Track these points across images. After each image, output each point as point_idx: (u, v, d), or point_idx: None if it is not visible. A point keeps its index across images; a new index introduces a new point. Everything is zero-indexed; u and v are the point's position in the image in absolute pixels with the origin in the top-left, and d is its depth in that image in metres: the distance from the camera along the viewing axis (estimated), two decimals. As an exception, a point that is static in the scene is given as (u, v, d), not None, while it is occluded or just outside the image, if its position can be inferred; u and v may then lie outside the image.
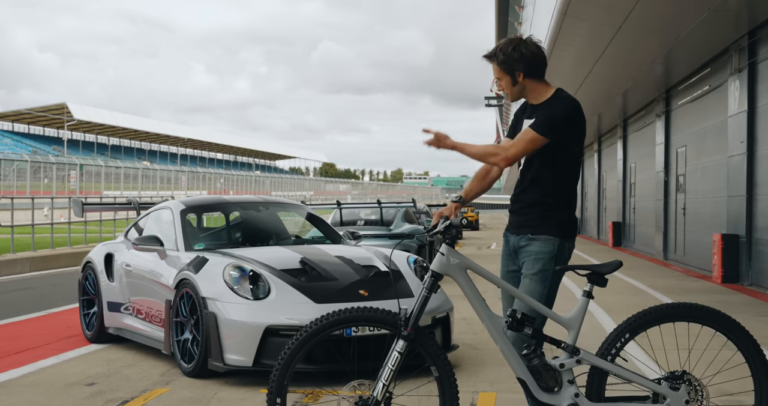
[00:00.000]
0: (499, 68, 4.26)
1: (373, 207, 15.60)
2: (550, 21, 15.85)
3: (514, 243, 4.30)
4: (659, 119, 21.37)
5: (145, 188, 55.30)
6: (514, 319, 3.93)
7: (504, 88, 4.30)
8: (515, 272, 4.34)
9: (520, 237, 4.26)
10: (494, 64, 4.28)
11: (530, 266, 4.22)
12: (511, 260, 4.35)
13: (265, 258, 6.90)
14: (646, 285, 14.01)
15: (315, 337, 3.86)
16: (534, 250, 4.22)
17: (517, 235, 4.28)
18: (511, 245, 4.32)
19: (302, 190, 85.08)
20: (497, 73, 4.28)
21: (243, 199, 8.86)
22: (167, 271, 7.21)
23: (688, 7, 12.69)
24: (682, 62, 17.23)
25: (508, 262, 4.37)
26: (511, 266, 4.35)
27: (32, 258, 18.04)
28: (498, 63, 4.25)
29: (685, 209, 18.93)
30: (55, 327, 9.39)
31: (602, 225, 32.91)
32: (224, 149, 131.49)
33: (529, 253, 4.23)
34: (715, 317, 4.04)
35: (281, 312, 6.25)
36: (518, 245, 4.27)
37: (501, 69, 4.26)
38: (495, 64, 4.27)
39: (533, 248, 4.22)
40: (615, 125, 28.96)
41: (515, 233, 4.30)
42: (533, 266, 4.21)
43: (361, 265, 6.99)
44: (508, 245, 4.36)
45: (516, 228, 4.30)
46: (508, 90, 4.30)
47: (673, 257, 20.16)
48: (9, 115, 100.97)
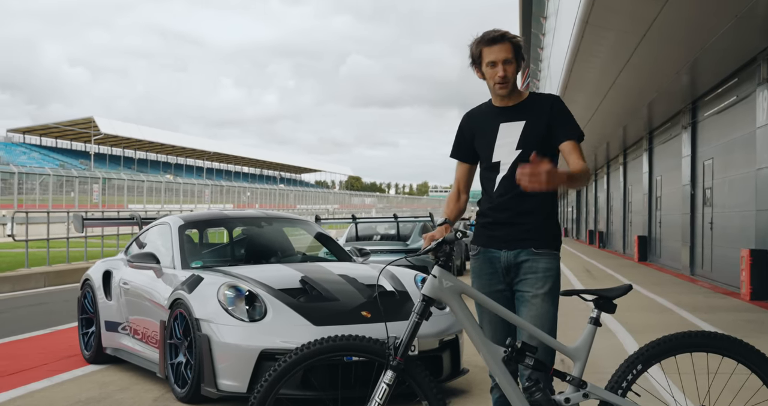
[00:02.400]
0: (513, 49, 3.90)
1: (390, 221, 15.26)
2: (572, 30, 15.51)
3: (508, 260, 3.92)
4: (685, 131, 20.90)
5: (168, 202, 55.29)
6: (513, 349, 3.56)
7: (510, 74, 3.91)
8: (501, 292, 3.96)
9: (518, 252, 3.90)
10: (505, 44, 3.89)
11: (539, 284, 3.85)
12: (496, 279, 3.96)
13: (263, 277, 6.55)
14: (672, 303, 13.54)
15: (294, 368, 3.51)
16: (541, 266, 3.87)
17: (511, 249, 3.91)
18: (503, 261, 3.93)
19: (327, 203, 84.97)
20: (509, 54, 3.88)
21: (245, 214, 8.51)
22: (163, 289, 6.88)
23: (713, 15, 12.28)
24: (709, 72, 16.79)
25: (491, 281, 3.97)
26: (497, 285, 3.97)
27: (47, 273, 17.83)
28: (513, 43, 3.90)
29: (713, 223, 18.43)
30: (56, 346, 9.10)
31: (628, 239, 32.35)
32: (250, 163, 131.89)
33: (535, 270, 3.87)
34: (736, 348, 3.64)
35: (277, 335, 5.89)
36: (515, 261, 3.90)
37: (514, 50, 3.90)
38: (507, 44, 3.89)
39: (540, 264, 3.87)
40: (641, 138, 28.47)
41: (507, 248, 3.92)
42: (543, 285, 3.85)
43: (365, 284, 6.61)
44: (492, 263, 3.96)
45: (507, 242, 3.91)
46: (513, 75, 3.93)
47: (700, 272, 19.64)
48: (37, 129, 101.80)
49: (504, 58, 3.87)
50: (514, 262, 3.91)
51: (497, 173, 3.97)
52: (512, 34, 3.94)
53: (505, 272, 3.94)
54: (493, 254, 3.97)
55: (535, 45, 34.88)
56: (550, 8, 26.36)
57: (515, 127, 3.96)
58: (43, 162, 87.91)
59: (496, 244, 3.96)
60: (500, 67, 3.88)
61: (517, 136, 3.94)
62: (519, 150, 3.93)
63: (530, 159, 3.45)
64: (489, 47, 3.88)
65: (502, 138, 3.97)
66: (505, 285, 3.96)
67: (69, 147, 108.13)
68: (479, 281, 4.01)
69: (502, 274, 3.95)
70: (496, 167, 3.97)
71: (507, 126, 3.97)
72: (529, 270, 3.88)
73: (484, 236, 4.02)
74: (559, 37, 21.55)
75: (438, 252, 3.60)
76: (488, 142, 4.01)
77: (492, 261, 3.97)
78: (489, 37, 3.89)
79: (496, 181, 3.97)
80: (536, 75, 37.08)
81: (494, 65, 3.89)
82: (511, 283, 3.95)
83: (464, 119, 4.18)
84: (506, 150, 3.95)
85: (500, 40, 3.87)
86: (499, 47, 3.87)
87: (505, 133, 3.97)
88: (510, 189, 3.91)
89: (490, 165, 4.00)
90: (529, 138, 3.92)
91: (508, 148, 3.95)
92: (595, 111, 23.10)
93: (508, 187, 3.93)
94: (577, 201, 55.06)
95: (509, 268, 3.93)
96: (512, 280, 3.94)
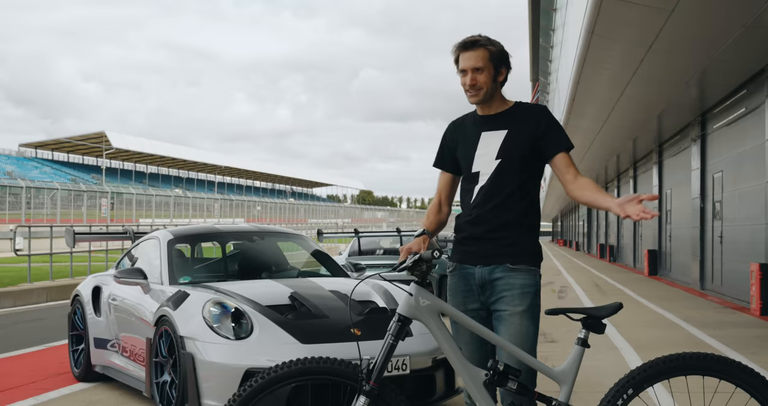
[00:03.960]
0: (488, 56, 3.71)
1: (393, 235, 15.05)
2: (578, 42, 15.33)
3: (482, 276, 3.72)
4: (695, 144, 20.65)
5: (177, 216, 55.22)
6: (495, 371, 3.35)
7: (480, 83, 3.72)
8: (476, 311, 3.77)
9: (493, 268, 3.70)
10: (477, 51, 3.72)
11: (516, 301, 3.66)
12: (471, 297, 3.77)
13: (251, 293, 6.34)
14: (680, 318, 13.28)
15: (258, 395, 3.30)
16: (518, 282, 3.68)
17: (486, 265, 3.72)
18: (477, 278, 3.73)
19: (337, 217, 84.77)
20: (480, 62, 3.71)
21: (236, 228, 8.31)
22: (150, 306, 6.68)
23: (720, 25, 12.07)
24: (717, 84, 16.55)
25: (465, 300, 3.79)
26: (472, 303, 3.78)
27: (49, 288, 17.69)
28: (487, 50, 3.72)
29: (722, 237, 18.15)
30: (47, 364, 8.92)
31: (638, 253, 32.05)
32: (261, 177, 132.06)
33: (511, 286, 3.67)
34: (734, 370, 3.41)
35: (263, 354, 5.67)
36: (489, 278, 3.71)
37: (489, 58, 3.71)
38: (481, 50, 3.71)
39: (516, 280, 3.68)
40: (650, 151, 28.22)
41: (482, 263, 3.72)
42: (521, 302, 3.66)
43: (357, 300, 6.40)
44: (467, 280, 3.77)
45: (482, 257, 3.73)
46: (485, 84, 3.72)
47: (710, 286, 19.34)
48: (49, 144, 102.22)
49: (473, 65, 3.72)
50: (489, 278, 3.72)
51: (476, 184, 3.80)
52: (488, 39, 3.78)
53: (480, 290, 3.75)
54: (467, 270, 3.79)
55: (545, 58, 34.69)
56: (558, 21, 26.19)
57: (496, 137, 3.79)
58: (55, 176, 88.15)
59: (470, 259, 3.78)
60: (468, 76, 3.72)
61: (498, 146, 3.77)
62: (498, 160, 3.76)
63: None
64: (463, 53, 3.75)
65: (483, 147, 3.80)
66: (479, 304, 3.77)
67: (81, 162, 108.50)
68: (455, 299, 3.84)
69: (477, 292, 3.76)
70: (475, 178, 3.81)
71: (488, 135, 3.80)
72: (504, 287, 3.70)
73: (460, 252, 3.85)
74: (566, 50, 21.36)
75: (414, 270, 3.40)
76: (469, 152, 3.85)
77: (467, 278, 3.79)
78: (463, 42, 3.76)
79: (474, 192, 3.80)
80: (546, 88, 36.86)
81: (464, 73, 3.75)
82: (486, 302, 3.76)
83: (449, 128, 4.02)
84: (486, 160, 3.79)
85: (471, 47, 3.74)
86: (471, 53, 3.74)
87: (485, 143, 3.80)
88: (488, 199, 3.75)
89: (470, 175, 3.84)
90: (510, 148, 3.76)
91: (488, 158, 3.78)
92: (603, 124, 22.88)
93: (486, 197, 3.76)
94: (588, 215, 54.73)
95: (484, 285, 3.74)
96: (488, 299, 3.75)
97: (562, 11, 23.33)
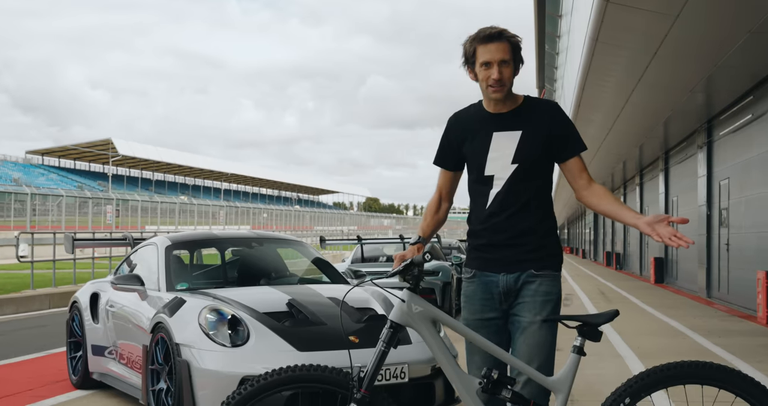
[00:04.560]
0: (511, 49, 3.51)
1: (396, 242, 14.97)
2: (582, 49, 15.25)
3: (507, 284, 3.57)
4: (701, 151, 20.55)
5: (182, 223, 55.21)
6: (489, 380, 3.27)
7: (506, 77, 3.52)
8: (493, 320, 3.61)
9: (518, 275, 3.55)
10: (502, 44, 3.50)
11: (537, 310, 3.52)
12: (489, 305, 3.62)
13: (249, 300, 6.27)
14: (686, 326, 13.17)
15: (251, 401, 3.23)
16: (542, 289, 3.54)
17: (510, 273, 3.56)
18: (501, 286, 3.58)
19: (343, 224, 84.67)
20: (506, 54, 3.49)
21: (235, 234, 8.23)
22: (147, 312, 6.61)
23: (725, 31, 11.98)
24: (723, 90, 16.45)
25: (483, 308, 3.62)
26: (489, 312, 3.62)
27: (51, 294, 17.62)
28: (511, 43, 3.51)
29: (729, 245, 18.03)
30: (46, 371, 8.85)
31: (644, 261, 31.90)
32: (268, 184, 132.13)
33: (534, 292, 3.53)
34: (734, 379, 3.32)
35: (259, 361, 5.59)
36: (514, 286, 3.56)
37: (512, 51, 3.52)
38: (505, 42, 3.50)
39: (540, 287, 3.54)
40: (657, 158, 28.10)
41: (505, 271, 3.56)
42: (541, 311, 3.52)
43: (355, 307, 6.32)
44: (489, 288, 3.61)
45: (506, 265, 3.56)
46: (509, 79, 3.54)
47: (716, 295, 19.21)
48: (56, 151, 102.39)
49: (500, 58, 3.49)
50: (514, 286, 3.57)
51: (490, 188, 3.62)
52: (511, 32, 3.56)
53: (504, 298, 3.60)
54: (489, 278, 3.62)
55: (550, 65, 34.61)
56: (563, 27, 26.12)
57: (510, 138, 3.60)
58: (62, 183, 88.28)
59: (493, 267, 3.61)
60: (495, 69, 3.49)
61: (513, 149, 3.58)
62: (515, 164, 3.58)
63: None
64: (484, 45, 3.50)
65: (496, 150, 3.61)
66: (500, 312, 3.62)
67: (87, 169, 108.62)
68: (471, 306, 3.67)
69: (499, 300, 3.61)
70: (489, 181, 3.62)
71: (501, 136, 3.61)
72: (527, 293, 3.55)
73: (480, 259, 3.66)
74: (571, 56, 21.29)
75: (406, 275, 3.32)
76: (479, 153, 3.64)
77: (488, 286, 3.63)
78: (485, 34, 3.51)
79: (489, 197, 3.62)
80: (552, 95, 36.78)
81: (489, 66, 3.51)
82: (507, 310, 3.61)
83: (451, 122, 3.79)
84: (500, 164, 3.60)
85: (497, 38, 3.49)
86: (495, 46, 3.49)
87: (499, 144, 3.61)
88: (507, 207, 3.58)
89: (482, 178, 3.64)
90: (526, 151, 3.58)
91: (503, 162, 3.59)
92: (609, 131, 22.79)
93: (503, 205, 3.59)
94: (594, 222, 54.56)
95: (508, 293, 3.58)
96: (510, 306, 3.61)
97: (567, 18, 23.25)
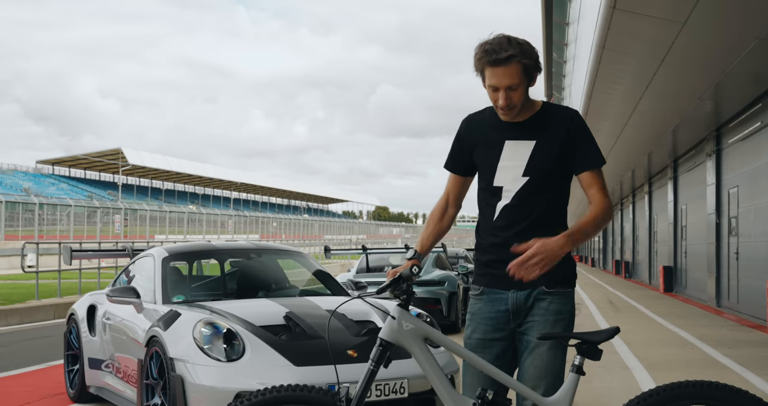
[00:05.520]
0: (521, 71, 3.26)
1: (402, 252, 14.82)
2: (589, 56, 15.12)
3: (517, 302, 3.38)
4: (710, 159, 20.38)
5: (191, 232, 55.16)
6: (484, 400, 3.13)
7: (515, 101, 3.31)
8: (497, 341, 3.42)
9: (528, 292, 3.37)
10: (511, 67, 3.25)
11: (547, 329, 3.34)
12: (495, 325, 3.42)
13: (245, 313, 6.13)
14: (695, 336, 12.99)
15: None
16: (553, 308, 3.36)
17: (521, 290, 3.37)
18: (511, 304, 3.39)
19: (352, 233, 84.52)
20: (516, 79, 3.25)
21: (233, 245, 8.11)
22: (143, 325, 6.49)
23: (733, 37, 11.84)
24: (732, 98, 16.30)
25: (488, 327, 3.42)
26: (494, 332, 3.42)
27: (57, 305, 17.53)
28: (522, 64, 3.25)
29: (738, 253, 17.84)
30: (44, 384, 8.75)
31: (653, 269, 31.69)
32: (277, 193, 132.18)
33: (545, 311, 3.35)
34: (741, 399, 3.17)
35: (254, 376, 5.46)
36: (524, 304, 3.38)
37: (522, 72, 3.27)
38: (514, 65, 3.24)
39: (551, 305, 3.36)
40: (665, 166, 27.93)
41: (516, 288, 3.36)
42: (552, 331, 3.34)
43: (354, 320, 6.17)
44: (497, 305, 3.43)
45: (516, 282, 3.28)
46: (520, 101, 3.32)
47: (726, 304, 19.01)
48: (66, 161, 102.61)
49: (508, 84, 3.26)
50: (525, 304, 3.39)
51: (498, 199, 3.43)
52: (522, 51, 3.27)
53: (513, 316, 3.41)
54: (499, 295, 3.43)
55: (558, 73, 34.47)
56: (570, 35, 26.00)
57: (523, 148, 3.39)
58: (72, 193, 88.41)
59: (502, 284, 3.40)
60: (502, 94, 3.29)
61: (525, 160, 3.38)
62: (526, 177, 3.38)
63: (512, 250, 3.12)
64: (492, 69, 3.27)
65: (507, 159, 3.40)
66: (507, 332, 3.43)
67: (97, 178, 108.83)
68: (476, 325, 3.47)
69: (507, 319, 3.42)
70: (498, 192, 3.42)
71: (513, 145, 3.40)
72: (537, 312, 3.37)
73: (488, 275, 3.47)
74: (578, 64, 21.15)
75: (395, 290, 3.18)
76: (490, 161, 3.44)
77: (496, 304, 3.43)
78: (493, 58, 3.24)
79: (496, 209, 3.43)
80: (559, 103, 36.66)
81: (496, 90, 3.30)
82: (515, 329, 3.43)
83: (463, 125, 3.58)
84: (511, 175, 3.40)
85: (505, 63, 3.24)
86: (503, 70, 3.25)
87: (510, 154, 3.40)
88: (515, 222, 3.39)
89: (491, 188, 3.45)
90: (539, 163, 3.37)
91: (513, 173, 3.39)
92: (617, 139, 22.64)
93: (512, 220, 3.40)
94: (603, 231, 54.35)
95: (518, 311, 3.39)
96: (519, 325, 3.42)
97: (574, 25, 23.13)
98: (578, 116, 3.44)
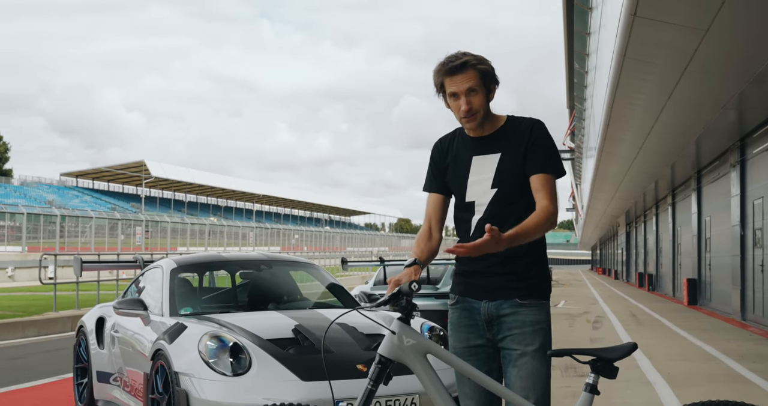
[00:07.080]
0: (479, 76, 3.36)
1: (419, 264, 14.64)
2: (610, 66, 14.92)
3: (489, 312, 3.36)
4: (734, 169, 20.07)
5: (212, 244, 55.18)
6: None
7: (477, 105, 3.38)
8: (481, 347, 3.40)
9: (500, 303, 3.34)
10: (467, 73, 3.36)
11: (528, 340, 3.30)
12: (476, 332, 3.41)
13: (253, 325, 5.98)
14: (719, 350, 12.71)
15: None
16: (529, 318, 3.32)
17: (492, 300, 3.36)
18: (483, 313, 3.37)
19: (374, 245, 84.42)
20: (473, 83, 3.36)
21: (244, 256, 7.95)
22: (149, 337, 6.35)
23: (756, 44, 11.61)
24: (756, 107, 16.01)
25: (469, 335, 3.43)
26: (476, 339, 3.42)
27: (74, 316, 17.46)
28: (477, 70, 3.36)
29: (763, 266, 17.52)
30: (55, 397, 8.65)
31: (677, 282, 31.29)
32: (300, 205, 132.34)
33: (522, 323, 3.32)
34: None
35: (260, 392, 5.29)
36: (496, 314, 3.35)
37: (480, 78, 3.36)
38: (470, 71, 3.36)
39: (526, 316, 3.32)
40: (689, 177, 27.58)
41: (488, 298, 3.36)
42: (532, 341, 3.30)
43: (365, 334, 6.00)
44: (472, 314, 3.42)
45: (489, 292, 3.36)
46: (481, 107, 3.40)
47: (751, 317, 18.67)
48: (90, 173, 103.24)
49: (467, 88, 3.37)
50: (496, 314, 3.36)
51: (472, 214, 3.46)
52: (476, 58, 3.41)
53: (487, 326, 3.39)
54: (472, 304, 3.43)
55: (580, 84, 34.23)
56: (591, 45, 25.77)
57: (489, 161, 3.44)
58: (95, 205, 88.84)
59: (475, 293, 3.42)
60: (463, 99, 3.37)
61: (492, 172, 3.43)
62: (495, 189, 3.41)
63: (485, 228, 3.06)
64: (450, 77, 3.38)
65: (475, 174, 3.46)
66: (485, 340, 3.41)
67: (121, 190, 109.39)
68: (457, 334, 3.47)
69: (483, 328, 3.40)
70: (471, 208, 3.46)
71: (480, 159, 3.47)
72: (514, 324, 3.33)
73: (462, 284, 3.48)
74: (600, 75, 20.93)
75: (394, 305, 3.02)
76: (460, 178, 3.51)
77: (471, 312, 3.43)
78: (449, 66, 3.38)
79: (471, 224, 3.45)
80: (582, 114, 36.37)
81: (457, 97, 3.39)
82: (494, 338, 3.39)
83: (435, 148, 3.68)
84: (481, 189, 3.44)
85: (461, 70, 3.36)
86: (461, 77, 3.37)
87: (478, 168, 3.46)
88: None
89: (464, 204, 3.49)
90: (506, 174, 3.41)
91: (483, 187, 3.44)
92: (639, 150, 22.36)
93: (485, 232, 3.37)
94: (627, 243, 53.87)
95: (491, 321, 3.37)
96: (495, 335, 3.38)
97: (595, 35, 22.92)
98: (539, 124, 3.50)
